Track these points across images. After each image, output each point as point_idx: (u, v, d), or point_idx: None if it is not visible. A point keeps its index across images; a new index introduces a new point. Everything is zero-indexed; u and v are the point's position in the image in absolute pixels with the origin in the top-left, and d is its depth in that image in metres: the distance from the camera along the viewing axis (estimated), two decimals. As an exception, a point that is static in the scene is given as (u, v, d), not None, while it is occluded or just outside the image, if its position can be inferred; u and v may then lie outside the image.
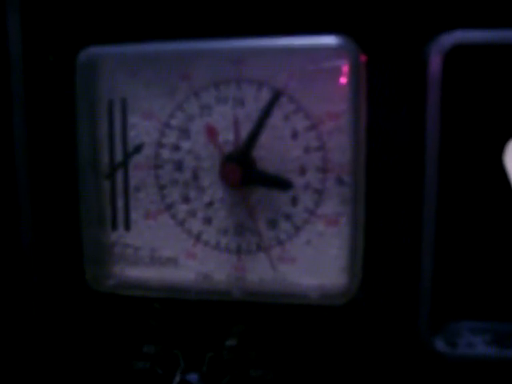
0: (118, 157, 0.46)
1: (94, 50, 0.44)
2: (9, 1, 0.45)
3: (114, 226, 0.47)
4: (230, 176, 0.43)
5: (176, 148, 0.45)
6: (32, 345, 0.49)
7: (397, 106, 0.41)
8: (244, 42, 0.42)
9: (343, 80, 0.42)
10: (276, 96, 0.43)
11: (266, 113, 0.43)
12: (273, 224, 0.45)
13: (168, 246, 0.46)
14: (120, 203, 0.46)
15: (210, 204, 0.45)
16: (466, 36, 0.39)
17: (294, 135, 0.43)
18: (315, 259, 0.44)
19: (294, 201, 0.44)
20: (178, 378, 0.45)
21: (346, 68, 0.41)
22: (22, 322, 0.49)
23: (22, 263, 0.47)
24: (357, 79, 0.41)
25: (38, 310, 0.48)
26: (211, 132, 0.44)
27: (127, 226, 0.47)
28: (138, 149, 0.45)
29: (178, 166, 0.45)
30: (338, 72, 0.42)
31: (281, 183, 0.43)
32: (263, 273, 0.45)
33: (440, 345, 0.42)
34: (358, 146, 0.42)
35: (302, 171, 0.44)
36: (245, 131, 0.44)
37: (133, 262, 0.47)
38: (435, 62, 0.39)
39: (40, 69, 0.45)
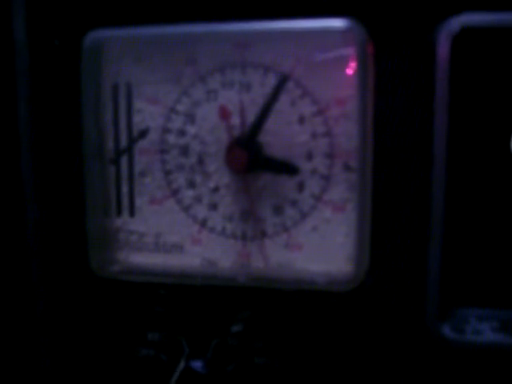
0: (123, 142, 0.46)
1: (100, 34, 0.44)
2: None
3: (119, 212, 0.47)
4: (236, 161, 0.43)
5: (182, 133, 0.45)
6: (36, 331, 0.49)
7: (405, 91, 0.41)
8: (250, 26, 0.42)
9: (351, 65, 0.41)
10: (283, 81, 0.42)
11: (272, 98, 0.42)
12: (279, 210, 0.44)
13: (173, 232, 0.46)
14: (125, 189, 0.46)
15: (216, 190, 0.45)
16: (474, 19, 0.38)
17: (301, 120, 0.43)
18: (322, 246, 0.44)
19: (301, 187, 0.44)
20: (182, 365, 0.45)
21: (353, 52, 0.41)
22: (26, 308, 0.49)
23: (26, 249, 0.47)
24: (364, 64, 0.40)
25: (43, 296, 0.48)
26: (224, 113, 0.43)
27: (132, 212, 0.46)
28: (143, 134, 0.45)
29: (184, 152, 0.45)
30: (345, 57, 0.41)
31: (287, 168, 0.43)
32: (269, 259, 0.45)
33: (447, 331, 0.42)
34: (365, 131, 0.41)
35: (309, 157, 0.43)
36: (251, 116, 0.43)
37: (138, 248, 0.47)
38: (443, 46, 0.38)
39: (45, 53, 0.45)
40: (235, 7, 0.42)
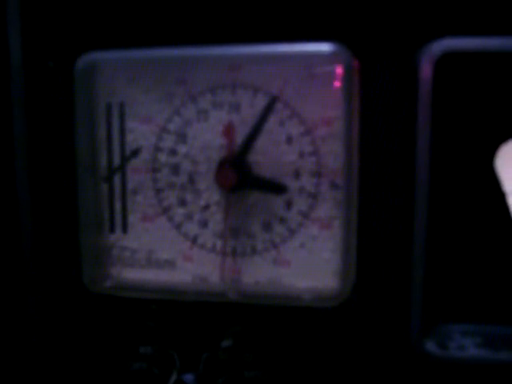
0: (116, 160, 0.47)
1: (93, 56, 0.45)
2: (9, 8, 0.46)
3: (112, 229, 0.47)
4: (226, 180, 0.44)
5: (173, 152, 0.46)
6: (30, 346, 0.49)
7: (389, 112, 0.42)
8: (240, 49, 0.43)
9: (337, 86, 0.43)
10: (272, 102, 0.43)
11: (261, 118, 0.44)
12: (268, 227, 0.45)
13: (165, 249, 0.47)
14: (118, 206, 0.47)
15: (206, 207, 0.46)
16: (456, 43, 0.39)
17: (289, 140, 0.44)
18: (309, 262, 0.45)
19: (289, 204, 0.45)
20: (174, 378, 0.46)
21: (339, 74, 0.42)
22: (19, 323, 0.49)
23: (20, 264, 0.48)
24: (350, 85, 0.42)
25: (36, 311, 0.49)
26: (228, 131, 0.44)
27: (125, 229, 0.47)
28: (136, 153, 0.46)
29: (175, 170, 0.46)
30: (331, 78, 0.43)
31: (275, 187, 0.44)
32: (258, 275, 0.46)
33: (431, 347, 0.43)
34: (351, 150, 0.42)
35: (297, 175, 0.44)
36: (240, 136, 0.44)
37: (130, 264, 0.48)
38: (426, 69, 0.40)
39: (40, 74, 0.46)
40: (226, 31, 0.43)
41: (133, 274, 0.48)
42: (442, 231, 0.43)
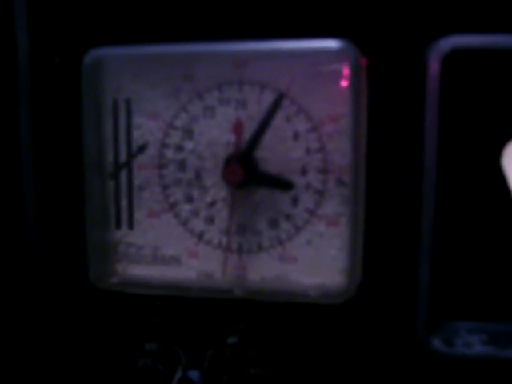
0: (123, 157, 0.47)
1: (100, 52, 0.45)
2: (16, 2, 0.46)
3: (118, 225, 0.47)
4: (233, 176, 0.44)
5: (179, 148, 0.46)
6: (34, 342, 0.49)
7: (396, 109, 0.42)
8: (247, 45, 0.43)
9: (344, 83, 0.43)
10: (279, 98, 0.43)
11: (269, 114, 0.44)
12: (274, 224, 0.45)
13: (171, 245, 0.47)
14: (124, 202, 0.47)
15: (213, 204, 0.46)
16: (464, 40, 0.39)
17: (296, 137, 0.44)
18: (315, 259, 0.45)
19: (295, 201, 0.45)
20: (179, 375, 0.46)
21: (346, 71, 0.42)
22: (25, 320, 0.49)
23: (26, 261, 0.48)
24: (357, 82, 0.42)
25: (41, 307, 0.49)
26: (237, 127, 0.44)
27: (131, 225, 0.47)
28: (142, 149, 0.46)
29: (182, 166, 0.46)
30: (339, 75, 0.43)
31: (282, 184, 0.44)
32: (264, 272, 0.46)
33: (437, 344, 0.43)
34: (358, 147, 0.42)
35: (303, 172, 0.44)
36: (247, 132, 0.44)
37: (136, 261, 0.48)
38: (434, 66, 0.40)
39: (46, 70, 0.46)
40: (232, 27, 0.43)
41: (138, 271, 0.48)
42: (449, 229, 0.43)
